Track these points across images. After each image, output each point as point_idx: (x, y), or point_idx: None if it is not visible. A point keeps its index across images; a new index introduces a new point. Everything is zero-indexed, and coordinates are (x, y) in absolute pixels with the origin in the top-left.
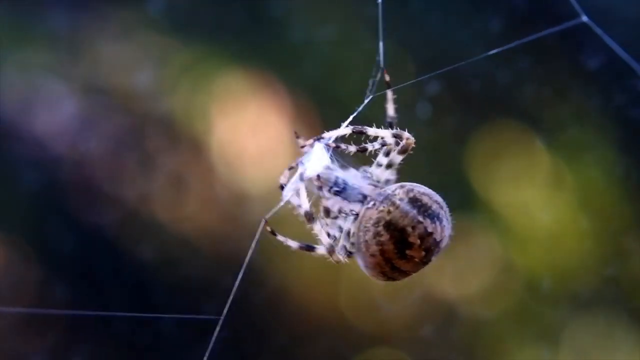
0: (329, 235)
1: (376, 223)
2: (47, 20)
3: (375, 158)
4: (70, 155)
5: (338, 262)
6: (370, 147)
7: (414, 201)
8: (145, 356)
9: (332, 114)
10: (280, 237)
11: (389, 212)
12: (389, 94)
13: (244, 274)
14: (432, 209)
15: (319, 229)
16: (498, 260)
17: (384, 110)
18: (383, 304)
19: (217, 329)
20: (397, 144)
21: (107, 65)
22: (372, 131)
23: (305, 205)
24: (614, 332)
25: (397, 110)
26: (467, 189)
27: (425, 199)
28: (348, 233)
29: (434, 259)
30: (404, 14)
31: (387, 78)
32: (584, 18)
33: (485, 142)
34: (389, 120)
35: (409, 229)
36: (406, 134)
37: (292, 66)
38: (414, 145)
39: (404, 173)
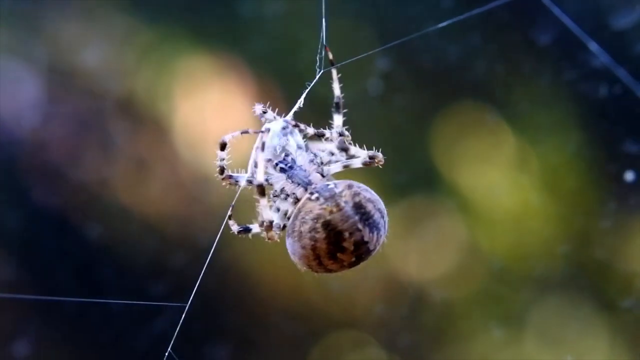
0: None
1: (315, 218)
2: None
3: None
4: (31, 137)
5: (271, 239)
6: (327, 134)
7: (358, 207)
8: (94, 336)
9: (294, 89)
10: (230, 221)
11: (331, 212)
12: (334, 72)
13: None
14: (374, 218)
15: (265, 204)
16: (463, 242)
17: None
18: (348, 287)
19: (183, 316)
20: (367, 162)
21: (69, 45)
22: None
23: (260, 177)
24: (577, 313)
25: (342, 89)
26: (420, 167)
27: (369, 207)
28: (285, 214)
29: (361, 263)
30: None
31: (331, 56)
32: None
33: (439, 120)
34: (335, 100)
35: (346, 234)
36: (380, 157)
37: (255, 45)
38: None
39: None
